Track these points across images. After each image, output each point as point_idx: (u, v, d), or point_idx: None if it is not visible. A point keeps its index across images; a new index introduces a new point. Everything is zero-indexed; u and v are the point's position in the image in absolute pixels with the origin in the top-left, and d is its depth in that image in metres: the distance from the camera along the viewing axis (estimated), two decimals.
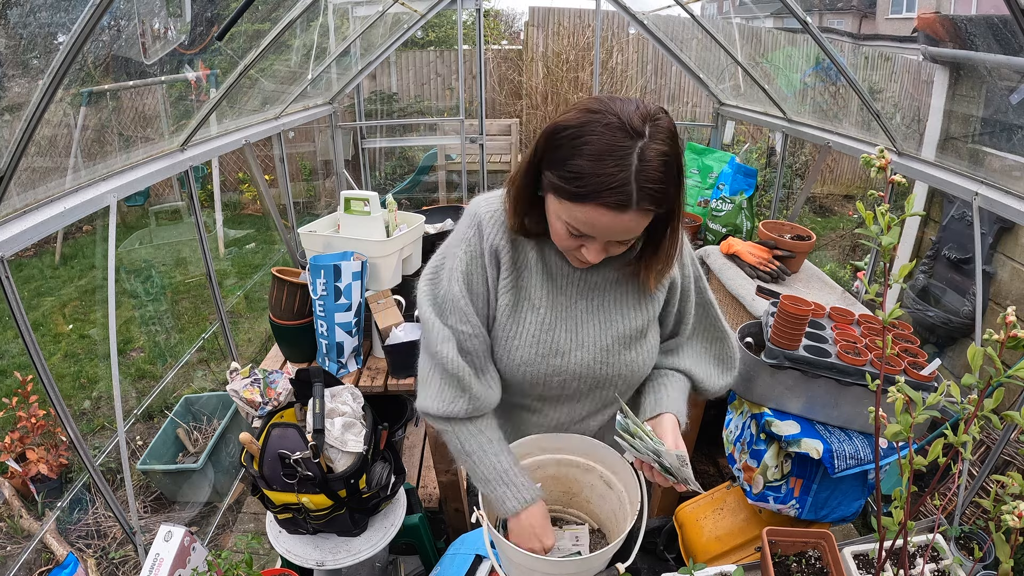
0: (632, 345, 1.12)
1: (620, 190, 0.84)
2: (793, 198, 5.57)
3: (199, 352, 3.71)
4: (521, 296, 1.08)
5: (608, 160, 0.84)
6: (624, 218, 0.88)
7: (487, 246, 1.05)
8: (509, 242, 1.05)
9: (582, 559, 1.04)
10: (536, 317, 1.08)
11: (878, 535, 0.92)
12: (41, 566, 2.16)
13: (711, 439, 2.20)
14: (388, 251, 2.16)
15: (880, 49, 4.31)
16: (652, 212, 0.90)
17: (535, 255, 1.07)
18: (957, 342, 3.15)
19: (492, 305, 1.08)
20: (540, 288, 1.08)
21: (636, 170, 0.84)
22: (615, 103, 0.87)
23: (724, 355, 1.25)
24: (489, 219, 1.05)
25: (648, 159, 0.84)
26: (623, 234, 0.92)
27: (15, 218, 1.55)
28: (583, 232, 0.92)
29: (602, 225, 0.89)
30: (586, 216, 0.89)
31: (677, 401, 1.14)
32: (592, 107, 0.88)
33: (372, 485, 1.51)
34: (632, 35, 6.73)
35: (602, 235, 0.92)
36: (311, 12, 2.71)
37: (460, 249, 1.06)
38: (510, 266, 1.06)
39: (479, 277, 1.06)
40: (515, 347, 1.09)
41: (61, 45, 1.38)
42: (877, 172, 0.79)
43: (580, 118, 0.87)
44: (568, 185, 0.88)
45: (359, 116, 4.49)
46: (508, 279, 1.07)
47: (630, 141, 0.84)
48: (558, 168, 0.89)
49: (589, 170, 0.85)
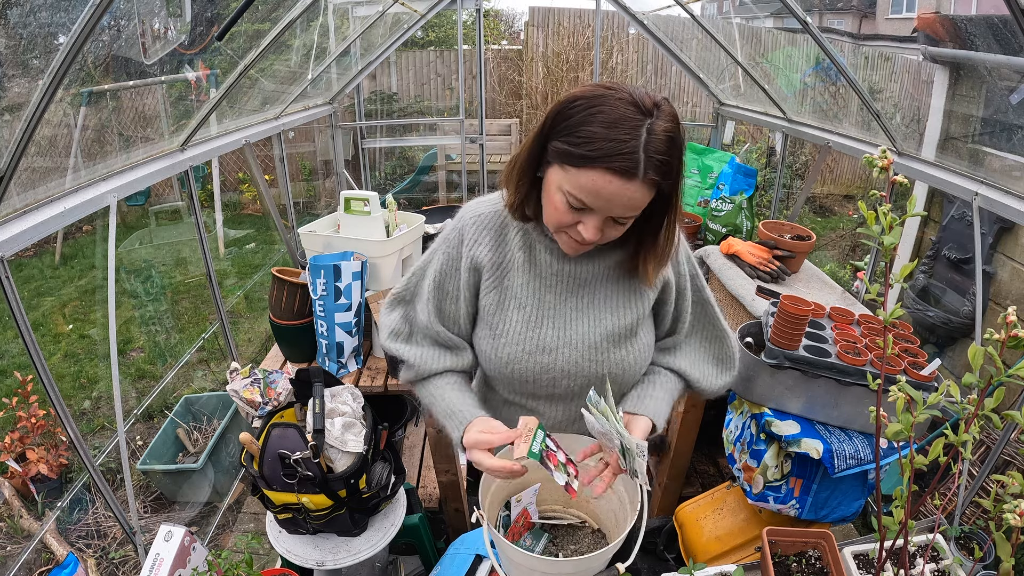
0: (622, 343, 1.11)
1: (629, 156, 0.87)
2: (793, 198, 5.57)
3: (199, 352, 3.71)
4: (507, 295, 1.10)
5: (620, 127, 0.87)
6: (629, 188, 0.89)
7: (465, 252, 1.10)
8: (492, 247, 1.09)
9: (581, 559, 1.03)
10: (522, 314, 1.09)
11: (878, 535, 0.92)
12: (41, 566, 2.16)
13: (711, 439, 2.20)
14: (388, 251, 2.16)
15: (880, 49, 4.31)
16: (656, 186, 0.91)
17: (523, 255, 1.09)
18: (957, 342, 3.15)
19: (464, 305, 1.13)
20: (526, 286, 1.09)
21: (645, 141, 0.87)
22: (626, 85, 0.92)
23: (723, 354, 1.24)
24: (472, 224, 1.10)
25: (656, 133, 0.88)
26: (625, 207, 0.92)
27: (15, 218, 1.55)
28: (584, 203, 0.92)
29: (607, 193, 0.90)
30: (592, 182, 0.89)
31: (659, 403, 1.14)
32: (605, 84, 0.92)
33: (372, 485, 1.51)
34: (632, 35, 6.74)
35: (604, 207, 0.92)
36: (311, 12, 2.71)
37: (441, 250, 1.14)
38: (492, 269, 1.09)
39: (451, 279, 1.13)
40: (502, 344, 1.10)
41: (61, 45, 1.38)
42: (879, 172, 0.79)
43: (594, 91, 0.91)
44: (578, 149, 0.89)
45: (359, 116, 4.49)
46: (491, 280, 1.10)
47: (641, 116, 0.88)
48: (568, 135, 0.91)
49: (601, 135, 0.87)
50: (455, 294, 1.13)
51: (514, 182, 1.03)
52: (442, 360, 1.17)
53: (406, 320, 1.20)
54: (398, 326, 1.20)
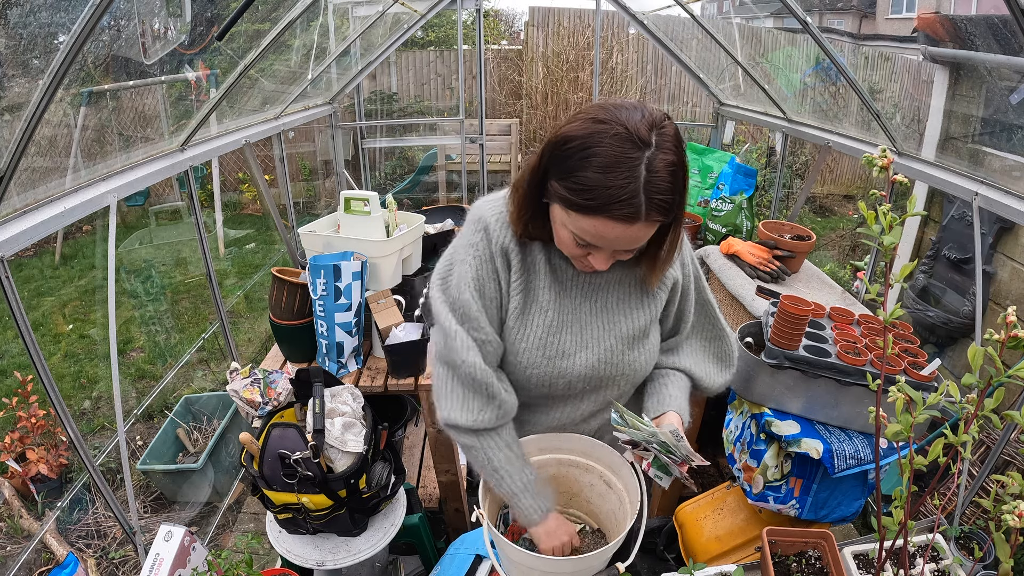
0: (635, 345, 1.12)
1: (629, 202, 0.84)
2: (793, 198, 5.57)
3: (199, 352, 3.71)
4: (530, 299, 1.08)
5: (617, 172, 0.83)
6: (633, 229, 0.88)
7: (496, 248, 1.03)
8: (517, 243, 1.05)
9: (581, 558, 1.03)
10: (543, 320, 1.08)
11: (878, 535, 0.92)
12: (41, 566, 2.16)
13: (711, 439, 2.20)
14: (388, 251, 2.16)
15: (880, 49, 4.32)
16: (660, 222, 0.90)
17: (542, 257, 1.07)
18: (957, 342, 3.15)
19: (505, 308, 1.07)
20: (548, 291, 1.08)
21: (644, 181, 0.84)
22: (621, 112, 0.86)
23: (723, 353, 1.26)
24: (495, 221, 1.04)
25: (656, 170, 0.84)
26: (630, 244, 0.93)
27: (15, 218, 1.55)
28: (590, 243, 0.92)
29: (611, 237, 0.90)
30: (594, 228, 0.89)
31: (679, 399, 1.15)
32: (598, 116, 0.87)
33: (372, 485, 1.51)
34: (632, 35, 6.73)
35: (610, 246, 0.93)
36: (311, 12, 2.71)
37: (469, 255, 1.04)
38: (520, 267, 1.05)
39: (491, 282, 1.05)
40: (522, 350, 1.09)
41: (61, 45, 1.38)
42: (880, 172, 0.79)
43: (587, 128, 0.86)
44: (576, 197, 0.87)
45: (359, 116, 4.49)
46: (519, 280, 1.06)
47: (638, 152, 0.84)
48: (565, 179, 0.88)
49: (598, 183, 0.84)
50: (494, 295, 1.06)
51: (516, 212, 1.01)
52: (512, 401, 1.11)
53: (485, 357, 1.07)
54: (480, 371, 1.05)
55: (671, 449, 0.99)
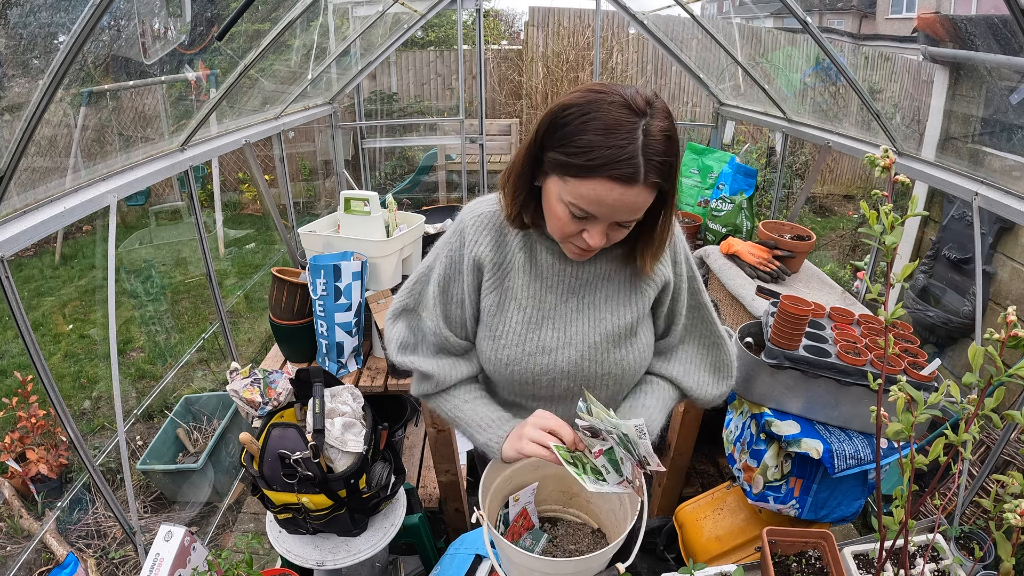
0: (621, 343, 1.11)
1: (629, 162, 0.86)
2: (793, 198, 5.57)
3: (199, 352, 3.71)
4: (507, 296, 1.09)
5: (616, 134, 0.86)
6: (631, 193, 0.88)
7: (467, 252, 1.08)
8: (493, 246, 1.07)
9: (581, 559, 1.03)
10: (522, 316, 1.08)
11: (878, 535, 0.92)
12: (41, 566, 2.16)
13: (711, 439, 2.20)
14: (388, 251, 2.16)
15: (880, 49, 4.32)
16: (656, 187, 0.91)
17: (523, 256, 1.08)
18: (957, 342, 3.15)
19: (470, 307, 1.11)
20: (527, 287, 1.08)
21: (643, 144, 0.86)
22: (615, 86, 0.90)
23: (719, 362, 1.21)
24: (472, 225, 1.08)
25: (653, 134, 0.87)
26: (628, 212, 0.92)
27: (15, 218, 1.55)
28: (587, 212, 0.92)
29: (609, 201, 0.89)
30: (594, 192, 0.89)
31: (652, 410, 1.13)
32: (595, 88, 0.90)
33: (372, 485, 1.51)
34: (632, 35, 6.74)
35: (607, 214, 0.92)
36: (311, 12, 2.71)
37: (443, 253, 1.12)
38: (493, 269, 1.08)
39: (455, 283, 1.11)
40: (501, 345, 1.09)
41: (61, 45, 1.38)
42: (881, 172, 0.79)
43: (585, 97, 0.89)
44: (576, 159, 0.88)
45: (359, 116, 4.49)
46: (492, 281, 1.08)
47: (635, 118, 0.87)
48: (564, 145, 0.90)
49: (599, 143, 0.86)
50: (460, 298, 1.11)
51: (510, 193, 1.02)
52: (458, 369, 1.16)
53: (412, 330, 1.17)
54: (405, 337, 1.17)
55: (630, 445, 0.95)
